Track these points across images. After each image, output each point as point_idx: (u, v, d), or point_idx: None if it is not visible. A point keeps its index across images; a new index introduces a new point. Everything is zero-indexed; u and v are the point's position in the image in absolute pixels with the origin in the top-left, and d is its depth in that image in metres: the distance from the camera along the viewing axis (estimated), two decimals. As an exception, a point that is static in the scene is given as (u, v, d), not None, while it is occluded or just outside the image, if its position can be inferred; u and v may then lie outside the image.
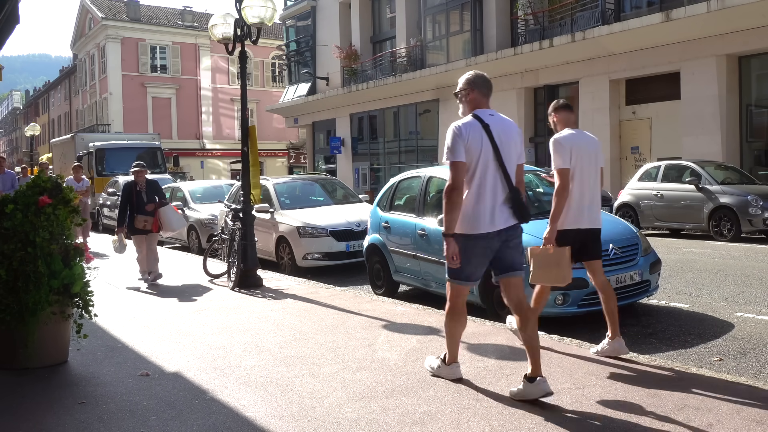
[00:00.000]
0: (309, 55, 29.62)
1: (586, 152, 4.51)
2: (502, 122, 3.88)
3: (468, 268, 3.79)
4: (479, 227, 3.71)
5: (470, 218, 3.73)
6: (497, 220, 3.73)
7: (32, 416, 3.74)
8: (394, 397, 3.85)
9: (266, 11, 7.84)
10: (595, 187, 4.55)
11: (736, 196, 11.57)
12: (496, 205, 3.73)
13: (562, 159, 4.42)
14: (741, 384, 3.90)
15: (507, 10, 20.42)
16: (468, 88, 3.96)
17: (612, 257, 5.69)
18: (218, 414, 3.68)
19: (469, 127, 3.78)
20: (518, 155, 3.87)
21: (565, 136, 4.50)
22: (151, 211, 8.44)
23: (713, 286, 7.33)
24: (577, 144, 4.47)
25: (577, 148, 4.45)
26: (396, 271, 7.31)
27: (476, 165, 3.74)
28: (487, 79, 4.00)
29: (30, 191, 4.67)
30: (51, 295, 4.51)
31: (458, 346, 4.17)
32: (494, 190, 3.74)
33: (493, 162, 3.74)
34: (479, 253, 3.76)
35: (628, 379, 4.03)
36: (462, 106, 3.99)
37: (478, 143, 3.74)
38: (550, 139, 4.55)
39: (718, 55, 15.00)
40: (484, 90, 3.95)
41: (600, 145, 4.76)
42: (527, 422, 3.41)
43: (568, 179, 4.40)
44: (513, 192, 3.75)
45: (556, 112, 4.70)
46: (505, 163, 3.76)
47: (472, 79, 3.98)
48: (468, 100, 3.96)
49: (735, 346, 5.08)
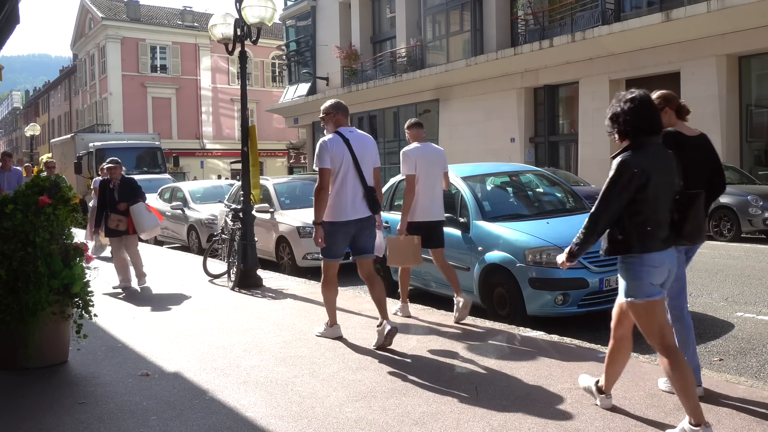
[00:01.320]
0: (309, 55, 29.63)
1: (430, 161, 5.70)
2: (360, 137, 5.03)
3: (334, 248, 4.95)
4: (341, 216, 4.86)
5: (335, 210, 4.87)
6: (355, 211, 4.88)
7: (32, 416, 3.74)
8: (394, 397, 3.86)
9: (266, 11, 7.84)
10: (438, 188, 5.76)
11: (736, 196, 11.56)
12: (355, 200, 4.87)
13: (408, 167, 5.63)
14: (741, 384, 3.90)
15: (507, 10, 20.42)
16: (333, 111, 5.06)
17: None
18: (218, 414, 3.68)
19: (334, 142, 4.90)
20: (374, 161, 5.02)
21: (411, 149, 5.71)
22: (125, 210, 7.94)
23: (713, 286, 7.33)
24: (421, 155, 5.68)
25: (421, 158, 5.66)
26: (396, 270, 7.30)
27: (339, 170, 4.85)
28: (346, 106, 5.18)
29: (30, 191, 4.67)
30: (51, 295, 4.51)
31: (335, 310, 5.25)
32: (353, 189, 4.88)
33: (353, 168, 4.87)
34: (341, 237, 4.93)
35: (628, 379, 4.02)
36: (327, 125, 5.05)
37: (341, 153, 4.86)
38: (401, 151, 5.75)
39: (718, 55, 15.00)
40: (344, 113, 5.10)
41: (444, 154, 5.91)
42: (527, 422, 3.42)
43: (414, 182, 5.60)
44: (368, 190, 4.92)
45: (409, 129, 5.90)
46: (362, 168, 4.90)
47: (335, 104, 5.11)
48: (333, 120, 5.03)
49: (735, 346, 5.08)
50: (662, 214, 3.16)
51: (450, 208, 6.57)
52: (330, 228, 4.89)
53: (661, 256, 3.13)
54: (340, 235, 4.92)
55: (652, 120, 3.20)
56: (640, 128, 3.17)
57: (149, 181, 17.47)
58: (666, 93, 3.82)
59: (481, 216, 6.19)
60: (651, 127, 3.19)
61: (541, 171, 7.96)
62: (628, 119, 3.18)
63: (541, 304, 5.58)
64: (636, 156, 3.11)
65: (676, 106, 3.81)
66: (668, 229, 3.19)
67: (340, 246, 4.97)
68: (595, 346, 4.81)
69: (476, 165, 7.97)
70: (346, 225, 4.89)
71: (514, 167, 8.36)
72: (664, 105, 3.75)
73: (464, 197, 6.44)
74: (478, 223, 6.15)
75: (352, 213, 4.87)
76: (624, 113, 3.18)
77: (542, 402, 3.70)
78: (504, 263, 5.75)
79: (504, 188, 7.33)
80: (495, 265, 5.84)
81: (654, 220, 3.12)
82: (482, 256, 5.95)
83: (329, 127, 5.04)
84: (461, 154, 20.27)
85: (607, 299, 5.63)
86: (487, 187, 7.09)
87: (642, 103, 3.19)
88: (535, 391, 3.88)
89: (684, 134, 3.72)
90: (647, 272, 3.11)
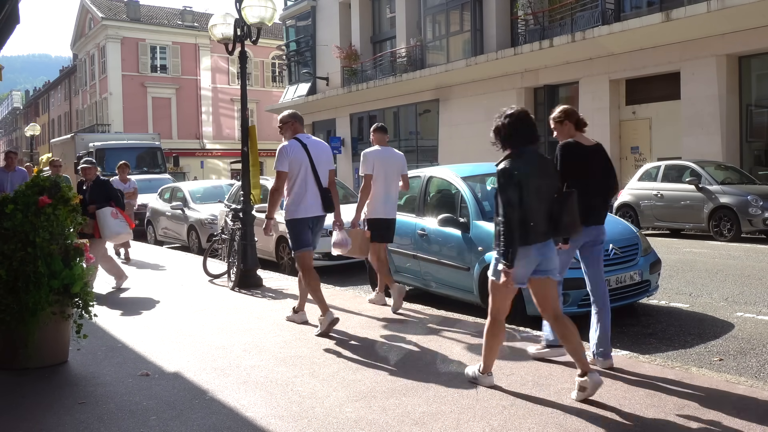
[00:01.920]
0: (309, 55, 29.62)
1: (388, 163, 6.27)
2: (316, 143, 5.66)
3: (301, 239, 5.52)
4: (302, 214, 5.46)
5: (296, 207, 5.46)
6: (312, 210, 5.48)
7: (32, 416, 3.74)
8: (394, 397, 3.85)
9: (266, 11, 7.84)
10: (393, 188, 6.31)
11: (736, 196, 11.56)
12: (312, 199, 5.46)
13: (365, 167, 6.23)
14: (741, 384, 3.90)
15: (507, 10, 20.41)
16: (291, 120, 5.65)
17: (612, 257, 5.69)
18: (218, 414, 3.68)
19: (293, 147, 5.48)
20: (328, 165, 5.63)
21: (371, 151, 6.30)
22: (93, 213, 7.61)
23: (713, 286, 7.33)
24: (379, 157, 6.26)
25: (379, 160, 6.23)
26: (396, 271, 7.30)
27: (297, 173, 5.42)
28: (302, 116, 5.85)
29: (29, 191, 4.67)
30: (51, 295, 4.51)
31: (323, 299, 5.49)
32: (311, 190, 5.46)
33: (310, 171, 5.45)
34: (302, 229, 5.49)
35: (628, 380, 4.02)
36: (286, 133, 5.63)
37: (299, 158, 5.43)
38: (362, 152, 6.37)
39: (718, 55, 14.99)
40: (301, 122, 5.73)
41: (403, 159, 6.51)
42: (527, 422, 3.42)
43: (370, 181, 6.20)
44: (323, 191, 5.50)
45: (373, 132, 6.49)
46: (318, 171, 5.47)
47: (293, 114, 5.73)
48: (291, 128, 5.62)
49: (735, 346, 5.08)
50: (541, 211, 3.65)
51: (450, 208, 6.57)
52: (293, 224, 5.49)
53: (538, 246, 3.68)
54: (302, 228, 5.50)
55: (528, 132, 3.76)
56: (519, 139, 3.72)
57: (149, 181, 17.47)
58: (566, 108, 4.44)
59: (481, 216, 6.19)
60: (528, 137, 3.75)
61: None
62: (507, 132, 3.73)
63: (541, 304, 5.56)
64: (515, 162, 3.64)
65: (575, 119, 4.38)
66: (547, 224, 3.70)
67: (306, 236, 5.53)
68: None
69: (476, 165, 7.96)
70: (304, 221, 5.52)
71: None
72: (564, 118, 4.34)
73: (464, 197, 6.44)
74: (478, 223, 6.15)
75: (310, 211, 5.47)
76: (504, 127, 3.74)
77: (542, 402, 3.70)
78: (504, 263, 5.74)
79: (504, 188, 7.32)
80: (495, 265, 5.83)
81: (535, 216, 3.60)
82: (482, 256, 5.95)
83: (287, 134, 5.62)
84: (461, 154, 20.27)
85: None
86: (487, 187, 7.08)
87: (519, 118, 3.74)
88: (536, 392, 3.88)
89: (582, 144, 4.34)
90: (522, 261, 3.64)
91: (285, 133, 5.65)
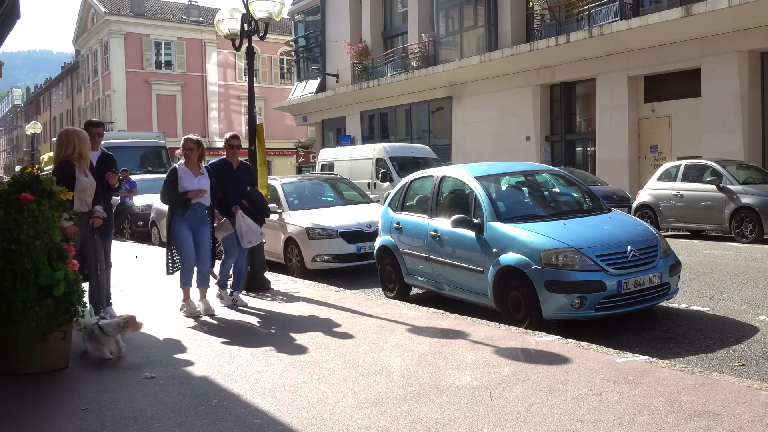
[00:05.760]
0: (318, 51, 29.50)
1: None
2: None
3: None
4: None
5: None
6: None
7: (33, 423, 3.66)
8: (406, 403, 3.76)
9: (274, 6, 7.71)
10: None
11: (759, 197, 11.30)
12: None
13: None
14: (763, 390, 3.76)
15: (522, 5, 20.19)
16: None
17: (630, 259, 5.54)
18: (225, 421, 3.59)
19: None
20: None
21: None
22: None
23: (735, 289, 7.15)
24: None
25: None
26: (408, 273, 7.18)
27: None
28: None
29: (11, 189, 4.57)
30: (39, 292, 4.41)
31: None
32: None
33: None
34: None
35: (646, 385, 3.89)
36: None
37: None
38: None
39: (739, 51, 14.70)
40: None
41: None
42: (543, 429, 3.31)
43: None
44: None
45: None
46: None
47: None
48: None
49: (757, 350, 4.94)
50: None
51: (464, 209, 6.44)
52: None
53: None
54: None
55: None
56: None
57: (153, 181, 17.33)
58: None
59: (495, 217, 6.05)
60: None
61: (558, 170, 7.78)
62: None
63: (557, 308, 5.44)
64: None
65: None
66: None
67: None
68: (613, 351, 4.67)
69: (490, 164, 7.82)
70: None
71: (529, 167, 8.17)
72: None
73: (478, 198, 6.30)
74: (493, 224, 6.01)
75: None
76: None
77: (558, 409, 3.58)
78: (519, 265, 5.60)
79: (519, 188, 7.18)
80: (510, 267, 5.69)
81: None
82: (497, 258, 5.81)
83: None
84: (475, 153, 20.12)
85: (626, 302, 5.50)
86: (502, 188, 6.95)
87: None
88: (551, 398, 3.75)
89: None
90: None
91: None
